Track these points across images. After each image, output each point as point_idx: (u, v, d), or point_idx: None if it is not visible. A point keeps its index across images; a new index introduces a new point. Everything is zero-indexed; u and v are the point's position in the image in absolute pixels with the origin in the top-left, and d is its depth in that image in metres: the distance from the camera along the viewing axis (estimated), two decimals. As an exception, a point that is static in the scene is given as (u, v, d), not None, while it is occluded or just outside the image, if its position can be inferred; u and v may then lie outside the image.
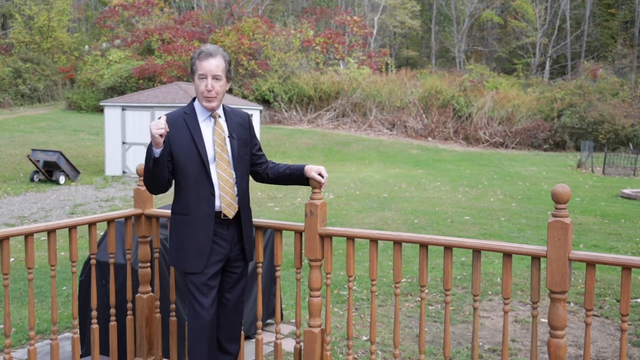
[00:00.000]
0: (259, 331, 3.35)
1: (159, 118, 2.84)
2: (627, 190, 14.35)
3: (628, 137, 27.30)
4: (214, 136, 3.02)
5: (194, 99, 3.10)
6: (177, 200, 3.05)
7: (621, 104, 29.34)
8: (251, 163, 3.19)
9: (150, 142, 2.84)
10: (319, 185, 3.06)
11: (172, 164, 2.98)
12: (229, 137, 3.05)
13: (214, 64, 2.97)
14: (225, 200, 3.00)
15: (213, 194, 2.98)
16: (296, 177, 3.13)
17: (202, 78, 2.97)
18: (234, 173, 3.04)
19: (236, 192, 3.04)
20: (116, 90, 31.87)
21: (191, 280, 3.02)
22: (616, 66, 36.64)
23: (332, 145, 26.08)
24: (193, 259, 2.99)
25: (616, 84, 31.76)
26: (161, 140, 2.80)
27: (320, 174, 3.06)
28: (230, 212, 3.02)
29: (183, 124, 3.00)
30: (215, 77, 2.97)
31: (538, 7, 42.27)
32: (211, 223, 2.99)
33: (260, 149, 3.25)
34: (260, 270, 3.33)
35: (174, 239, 3.09)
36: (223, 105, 3.14)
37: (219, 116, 3.08)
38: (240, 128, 3.12)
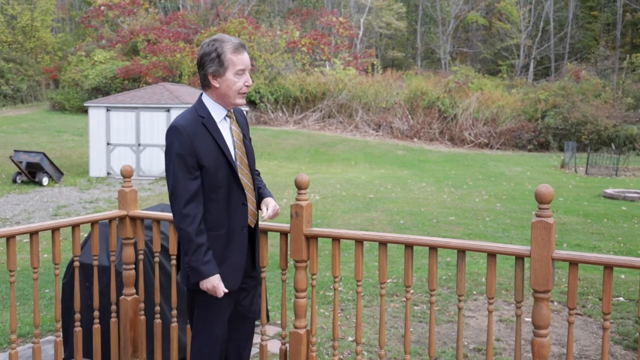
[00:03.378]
0: (245, 333, 3.34)
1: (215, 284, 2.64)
2: (610, 190, 14.52)
3: (610, 137, 27.62)
4: (233, 138, 2.74)
5: (201, 97, 2.74)
6: (206, 215, 2.67)
7: (603, 105, 29.68)
8: None
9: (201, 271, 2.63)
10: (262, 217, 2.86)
11: (201, 176, 2.65)
12: (243, 137, 2.81)
13: (248, 57, 2.69)
14: (249, 210, 2.78)
15: (245, 204, 2.74)
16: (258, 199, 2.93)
17: (241, 73, 2.65)
18: (252, 177, 2.81)
19: (255, 199, 2.83)
20: (101, 91, 31.63)
21: (214, 298, 2.73)
22: (598, 68, 37.05)
23: (318, 146, 26.08)
24: (229, 277, 2.71)
25: (599, 86, 32.12)
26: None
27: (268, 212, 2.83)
28: (252, 221, 2.82)
29: (204, 131, 2.64)
30: (248, 72, 2.72)
31: (522, 9, 42.63)
32: (245, 235, 2.75)
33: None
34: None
35: None
36: None
37: (233, 116, 2.80)
38: (245, 127, 2.87)
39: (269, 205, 2.83)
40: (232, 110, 2.77)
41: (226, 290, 2.67)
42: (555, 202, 12.72)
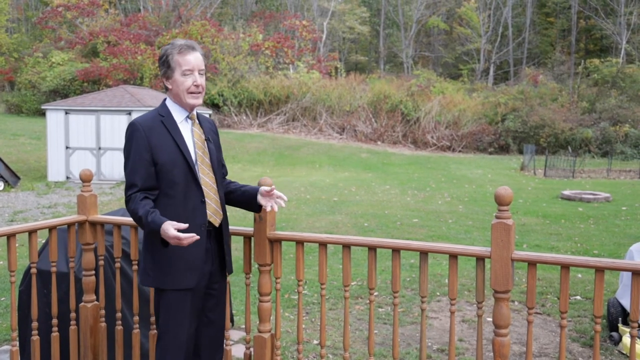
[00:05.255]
0: (208, 338, 3.31)
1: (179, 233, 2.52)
2: (567, 192, 14.92)
3: (567, 140, 28.41)
4: (194, 138, 2.81)
5: (164, 100, 2.86)
6: (163, 212, 2.71)
7: (560, 108, 30.52)
8: None
9: (156, 226, 2.58)
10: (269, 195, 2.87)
11: (157, 173, 2.72)
12: (206, 140, 2.87)
13: (199, 58, 2.76)
14: (211, 207, 2.80)
15: (203, 202, 2.77)
16: (247, 196, 2.93)
17: (188, 74, 2.73)
18: (215, 177, 2.85)
19: (219, 198, 2.86)
20: (59, 94, 30.88)
21: (174, 298, 2.76)
22: (555, 72, 38.07)
23: (282, 150, 26.04)
24: (185, 274, 2.73)
25: (555, 90, 33.02)
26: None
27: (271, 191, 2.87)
28: (216, 220, 2.83)
29: (162, 128, 2.75)
30: (201, 72, 2.77)
31: (482, 14, 43.50)
32: (204, 233, 2.77)
33: (223, 160, 3.07)
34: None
35: (157, 257, 2.75)
36: None
37: (196, 117, 2.88)
38: (212, 133, 2.94)
39: (265, 197, 2.87)
40: (194, 113, 2.86)
41: (185, 228, 2.57)
42: (515, 203, 13.00)
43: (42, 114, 23.57)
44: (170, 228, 2.53)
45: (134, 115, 17.16)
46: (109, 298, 3.66)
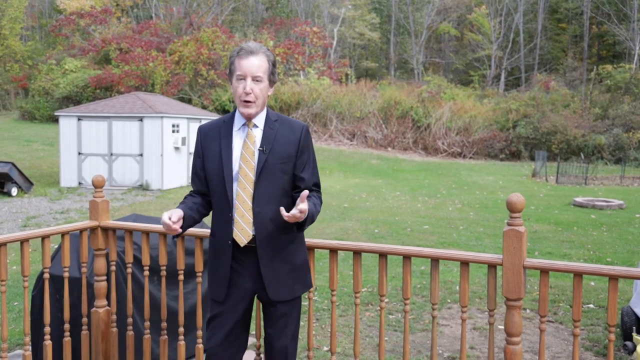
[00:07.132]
0: (219, 344, 3.31)
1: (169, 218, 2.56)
2: (579, 199, 14.80)
3: (579, 147, 28.21)
4: (242, 149, 2.62)
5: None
6: (212, 219, 2.76)
7: (572, 115, 30.33)
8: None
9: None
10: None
11: (206, 180, 2.73)
12: (259, 149, 2.60)
13: (255, 64, 2.54)
14: (238, 225, 2.60)
15: (231, 217, 2.62)
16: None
17: (241, 79, 2.56)
18: (254, 193, 2.59)
19: (252, 216, 2.59)
20: (72, 100, 31.18)
21: (213, 306, 2.75)
22: (567, 78, 37.86)
23: (292, 156, 26.06)
24: (216, 286, 2.70)
25: (567, 96, 32.82)
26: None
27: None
28: (241, 238, 2.60)
29: (216, 135, 2.68)
30: (256, 79, 2.55)
31: (493, 20, 43.41)
32: (230, 249, 2.63)
33: (304, 171, 2.67)
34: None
35: (208, 265, 2.83)
36: (269, 112, 2.69)
37: (255, 125, 2.64)
38: (285, 141, 2.63)
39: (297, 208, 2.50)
40: (254, 121, 2.64)
41: (168, 221, 2.53)
42: (526, 210, 12.92)
43: (55, 120, 23.80)
44: (165, 214, 2.58)
45: (146, 122, 17.28)
46: (120, 303, 3.68)
